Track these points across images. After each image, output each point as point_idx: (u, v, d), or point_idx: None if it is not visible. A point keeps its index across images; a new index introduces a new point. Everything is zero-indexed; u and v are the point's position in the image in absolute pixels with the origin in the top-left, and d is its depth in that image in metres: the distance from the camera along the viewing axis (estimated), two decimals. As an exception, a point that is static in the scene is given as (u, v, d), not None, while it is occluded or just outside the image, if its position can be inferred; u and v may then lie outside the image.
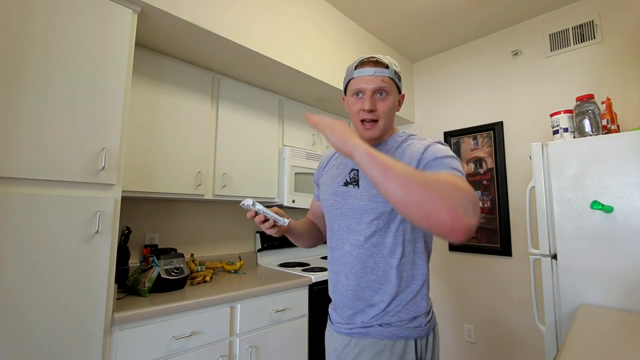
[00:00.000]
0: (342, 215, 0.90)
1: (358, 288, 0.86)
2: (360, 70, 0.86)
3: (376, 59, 0.86)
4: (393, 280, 0.84)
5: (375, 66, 0.85)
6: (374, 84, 0.84)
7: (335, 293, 0.92)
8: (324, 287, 1.91)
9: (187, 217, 2.04)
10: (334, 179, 0.95)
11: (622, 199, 1.41)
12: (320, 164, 1.08)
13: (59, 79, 1.11)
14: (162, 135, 1.65)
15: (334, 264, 0.93)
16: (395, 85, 0.88)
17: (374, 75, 0.84)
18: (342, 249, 0.90)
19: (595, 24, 2.06)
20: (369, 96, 0.84)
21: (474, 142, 2.56)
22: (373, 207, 0.84)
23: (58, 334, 1.05)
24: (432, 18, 2.35)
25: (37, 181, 1.05)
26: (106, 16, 1.24)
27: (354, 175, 0.90)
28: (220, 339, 1.44)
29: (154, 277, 1.44)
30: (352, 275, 0.87)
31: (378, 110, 0.85)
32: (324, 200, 0.97)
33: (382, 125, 0.86)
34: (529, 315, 2.18)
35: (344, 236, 0.89)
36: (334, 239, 0.93)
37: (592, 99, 1.62)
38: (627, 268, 1.37)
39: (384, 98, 0.85)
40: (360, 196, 0.86)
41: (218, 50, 1.70)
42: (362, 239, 0.85)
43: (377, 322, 0.84)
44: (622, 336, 1.05)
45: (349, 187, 0.90)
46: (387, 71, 0.85)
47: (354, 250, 0.87)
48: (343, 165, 0.96)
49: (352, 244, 0.87)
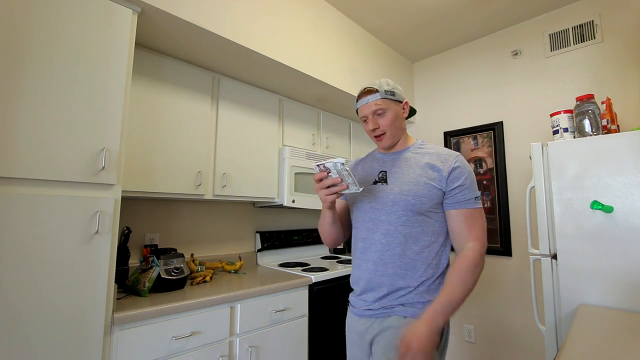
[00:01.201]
0: (372, 209, 1.03)
1: (385, 274, 0.98)
2: (359, 101, 1.06)
3: (367, 89, 1.04)
4: (419, 267, 0.97)
5: (368, 94, 1.03)
6: (371, 108, 1.03)
7: (362, 280, 1.03)
8: (324, 287, 1.91)
9: (187, 217, 2.04)
10: (364, 178, 1.11)
11: (622, 199, 1.41)
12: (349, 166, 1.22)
13: (59, 79, 1.11)
14: (162, 135, 1.65)
15: (362, 253, 1.05)
16: (391, 100, 1.03)
17: (368, 103, 1.03)
18: (372, 239, 1.02)
19: (595, 24, 2.06)
20: (370, 119, 1.04)
21: (474, 142, 2.56)
22: (402, 199, 0.98)
23: (58, 333, 1.04)
24: (432, 18, 2.35)
25: (37, 181, 1.05)
26: (106, 16, 1.24)
27: (383, 175, 1.06)
28: (220, 339, 1.44)
29: (154, 277, 1.44)
30: (381, 262, 0.99)
31: (381, 125, 1.03)
32: (354, 198, 1.11)
33: (389, 134, 1.04)
34: (529, 315, 2.18)
35: (374, 227, 1.02)
36: (363, 230, 1.06)
37: (592, 99, 1.62)
38: (627, 268, 1.37)
39: (382, 115, 1.03)
40: (390, 191, 1.01)
41: (218, 50, 1.70)
42: (392, 229, 0.98)
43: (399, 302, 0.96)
44: (622, 336, 1.05)
45: (378, 184, 1.06)
46: (378, 94, 1.02)
47: (383, 239, 0.99)
48: (371, 168, 1.12)
49: (382, 233, 1.00)
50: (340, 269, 2.06)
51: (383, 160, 1.11)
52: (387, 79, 1.06)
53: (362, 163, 1.19)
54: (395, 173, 1.04)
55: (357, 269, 1.07)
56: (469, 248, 0.94)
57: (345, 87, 2.26)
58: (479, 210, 0.98)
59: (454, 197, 0.97)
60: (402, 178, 1.01)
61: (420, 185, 0.97)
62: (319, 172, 0.93)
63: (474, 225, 0.96)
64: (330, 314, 1.92)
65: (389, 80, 1.06)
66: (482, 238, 0.96)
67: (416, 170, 1.01)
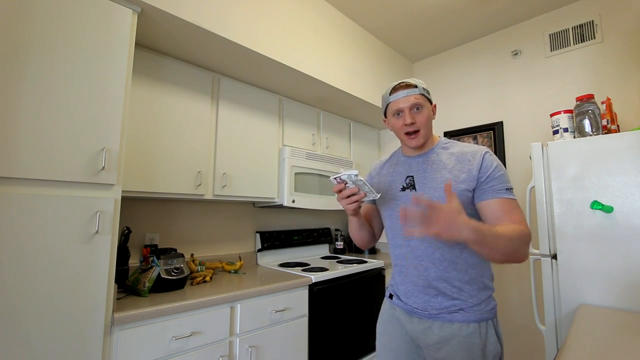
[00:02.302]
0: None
1: (429, 278, 0.97)
2: (395, 94, 1.02)
3: (406, 83, 1.02)
4: (462, 269, 0.96)
5: (407, 88, 1.01)
6: (410, 102, 0.99)
7: (408, 283, 1.03)
8: (324, 287, 1.91)
9: (187, 217, 2.04)
10: (390, 185, 1.10)
11: (622, 199, 1.41)
12: (372, 172, 1.24)
13: (59, 79, 1.11)
14: (162, 135, 1.65)
15: (402, 259, 1.05)
16: (427, 99, 1.02)
17: (407, 96, 1.00)
18: (408, 246, 1.02)
19: (595, 24, 2.06)
20: (407, 113, 1.00)
21: (474, 142, 2.56)
22: None
23: (58, 333, 1.04)
24: (432, 18, 2.35)
25: (37, 181, 1.05)
26: (106, 16, 1.24)
27: (410, 180, 1.05)
28: (220, 339, 1.44)
29: (154, 277, 1.44)
30: (422, 267, 0.99)
31: (417, 122, 1.00)
32: (383, 205, 1.11)
33: (423, 133, 1.01)
34: (529, 315, 2.18)
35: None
36: (398, 237, 1.06)
37: (592, 99, 1.62)
38: (627, 268, 1.37)
39: (420, 111, 1.00)
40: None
41: (218, 51, 1.70)
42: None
43: (459, 307, 0.94)
44: (622, 336, 1.05)
45: (406, 191, 1.04)
46: (417, 90, 1.00)
47: (421, 245, 0.99)
48: (397, 173, 1.10)
49: (419, 239, 0.99)
50: (340, 269, 2.06)
51: (408, 163, 1.08)
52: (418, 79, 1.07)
53: (386, 166, 1.18)
54: (422, 178, 1.02)
55: (399, 274, 1.07)
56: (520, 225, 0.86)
57: (345, 87, 2.26)
58: (514, 202, 0.92)
59: (483, 188, 0.93)
60: (430, 183, 0.99)
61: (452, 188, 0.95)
62: (337, 184, 0.96)
63: (513, 212, 0.89)
64: (331, 314, 1.92)
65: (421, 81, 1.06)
66: (526, 224, 0.88)
67: (444, 174, 0.98)
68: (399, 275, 1.07)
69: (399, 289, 1.07)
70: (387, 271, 2.42)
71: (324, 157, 2.42)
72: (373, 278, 2.25)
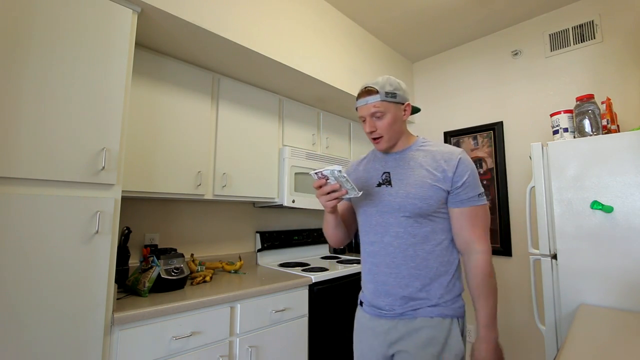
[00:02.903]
0: (379, 212, 1.02)
1: (400, 275, 0.98)
2: (359, 101, 1.02)
3: (367, 88, 1.00)
4: (432, 266, 0.97)
5: (367, 95, 1.00)
6: (368, 110, 1.00)
7: (377, 282, 1.02)
8: (324, 287, 1.90)
9: (187, 217, 2.04)
10: (366, 181, 1.09)
11: (622, 199, 1.41)
12: (349, 169, 1.21)
13: (59, 79, 1.11)
14: (162, 135, 1.65)
15: (373, 257, 1.04)
16: (391, 103, 1.00)
17: (367, 104, 1.00)
18: (381, 242, 1.02)
19: (595, 24, 2.06)
20: (368, 121, 1.01)
21: (474, 142, 2.56)
22: (410, 203, 0.97)
23: (58, 334, 1.04)
24: (432, 18, 2.35)
25: (37, 181, 1.05)
26: (106, 16, 1.24)
27: (386, 177, 1.05)
28: (220, 339, 1.44)
29: (154, 277, 1.44)
30: (394, 264, 0.99)
31: (378, 129, 1.01)
32: (358, 201, 1.09)
33: (386, 138, 1.02)
34: (529, 315, 2.18)
35: (383, 230, 1.01)
36: (372, 233, 1.05)
37: (592, 99, 1.62)
38: (627, 268, 1.37)
39: (380, 118, 1.00)
40: (395, 194, 1.00)
41: (218, 50, 1.70)
42: (401, 231, 0.98)
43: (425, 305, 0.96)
44: (622, 336, 1.05)
45: (382, 187, 1.04)
46: (378, 96, 0.98)
47: (394, 241, 0.99)
48: (373, 169, 1.10)
49: (392, 236, 0.99)
50: (341, 269, 2.06)
51: (385, 160, 1.09)
52: (390, 77, 1.03)
53: (363, 163, 1.17)
54: (399, 174, 1.02)
55: (368, 273, 1.06)
56: (478, 252, 0.96)
57: (345, 87, 2.26)
58: (483, 208, 0.98)
59: (458, 195, 0.97)
60: (406, 180, 1.00)
61: (426, 187, 0.97)
62: (318, 180, 0.94)
63: (477, 224, 0.97)
64: (331, 314, 1.92)
65: (392, 79, 1.02)
66: (485, 238, 0.97)
67: (421, 171, 0.99)
68: (368, 274, 1.06)
69: (367, 289, 1.06)
70: (387, 271, 2.41)
71: (324, 157, 2.42)
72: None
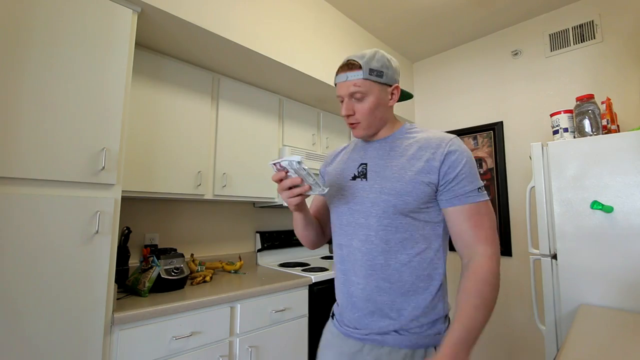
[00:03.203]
0: (350, 210, 0.86)
1: (368, 287, 0.81)
2: (337, 77, 0.85)
3: (350, 61, 0.83)
4: (407, 280, 0.79)
5: (348, 70, 0.83)
6: (347, 89, 0.83)
7: (344, 293, 0.86)
8: (324, 287, 1.90)
9: (187, 217, 2.04)
10: (341, 173, 0.92)
11: (622, 199, 1.41)
12: (327, 159, 1.05)
13: (59, 79, 1.11)
14: (162, 135, 1.65)
15: (341, 263, 0.88)
16: (376, 83, 0.83)
17: (346, 81, 0.83)
18: (350, 246, 0.85)
19: (595, 24, 2.06)
20: (345, 102, 0.84)
21: (474, 142, 2.56)
22: (383, 199, 0.80)
23: (58, 333, 1.05)
24: (432, 18, 2.35)
25: (37, 181, 1.05)
26: (106, 16, 1.24)
27: (363, 169, 0.88)
28: (220, 339, 1.44)
29: (154, 277, 1.44)
30: (362, 273, 0.82)
31: (356, 113, 0.84)
32: (330, 197, 0.93)
33: (365, 125, 0.85)
34: (529, 315, 2.18)
35: (352, 232, 0.85)
36: (341, 235, 0.88)
37: (592, 99, 1.62)
38: (627, 268, 1.37)
39: (360, 101, 0.83)
40: (370, 189, 0.83)
41: (218, 51, 1.70)
42: (372, 234, 0.81)
43: (394, 328, 0.78)
44: (622, 336, 1.05)
45: (357, 180, 0.87)
46: (360, 73, 0.81)
47: (363, 247, 0.82)
48: (351, 160, 0.93)
49: (361, 239, 0.83)
50: (340, 269, 2.06)
51: (365, 149, 0.91)
52: (379, 51, 0.85)
53: (343, 152, 1.01)
54: (376, 166, 0.86)
55: (338, 279, 0.90)
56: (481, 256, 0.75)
57: (345, 87, 2.26)
58: (485, 204, 0.78)
59: (452, 190, 0.78)
60: (383, 172, 0.83)
61: (404, 180, 0.79)
62: (277, 172, 0.78)
63: (481, 224, 0.77)
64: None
65: (380, 54, 0.84)
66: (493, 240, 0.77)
67: (400, 161, 0.83)
68: (336, 282, 0.91)
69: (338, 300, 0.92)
70: (387, 271, 2.42)
71: (324, 157, 2.42)
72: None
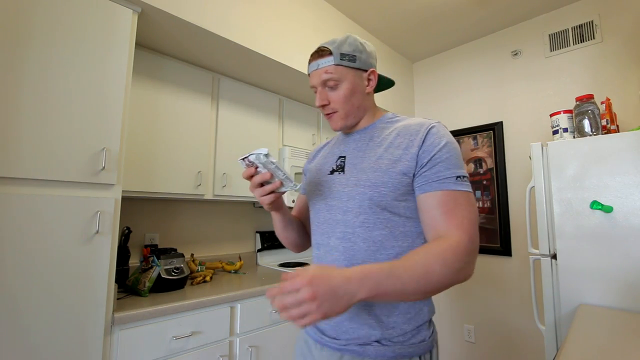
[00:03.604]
0: (328, 207, 0.80)
1: None
2: (309, 66, 0.82)
3: (320, 48, 0.79)
4: None
5: (319, 58, 0.78)
6: (319, 78, 0.78)
7: None
8: (324, 287, 1.90)
9: (187, 217, 2.04)
10: (320, 168, 0.87)
11: (621, 199, 1.41)
12: (310, 155, 1.01)
13: (59, 79, 1.11)
14: (162, 135, 1.65)
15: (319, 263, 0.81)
16: (349, 69, 0.78)
17: (318, 70, 0.79)
18: (327, 245, 0.79)
19: (594, 24, 2.06)
20: (319, 91, 0.80)
21: (474, 142, 2.56)
22: (359, 192, 0.74)
23: (58, 333, 1.05)
24: (432, 18, 2.35)
25: (37, 181, 1.05)
26: (106, 16, 1.24)
27: (341, 162, 0.83)
28: (220, 339, 1.44)
29: (154, 277, 1.44)
30: None
31: (331, 102, 0.80)
32: (309, 193, 0.88)
33: (342, 114, 0.80)
34: (528, 315, 2.18)
35: (329, 229, 0.79)
36: (319, 233, 0.82)
37: (592, 99, 1.62)
38: (627, 268, 1.37)
39: (334, 88, 0.78)
40: (346, 182, 0.78)
41: (218, 51, 1.70)
42: (349, 231, 0.75)
43: (375, 338, 0.71)
44: (622, 336, 1.05)
45: (334, 174, 0.82)
46: (331, 59, 0.77)
47: (340, 245, 0.76)
48: (331, 154, 0.88)
49: (338, 237, 0.77)
50: (340, 269, 2.06)
51: (345, 142, 0.86)
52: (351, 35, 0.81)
53: (326, 147, 0.95)
54: (354, 158, 0.80)
55: None
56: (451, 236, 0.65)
57: (345, 87, 2.26)
58: (465, 195, 0.68)
59: (424, 175, 0.70)
60: (360, 164, 0.78)
61: (380, 170, 0.73)
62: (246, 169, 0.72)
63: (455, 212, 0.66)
64: (330, 313, 1.92)
65: (352, 38, 0.80)
66: (469, 229, 0.65)
67: (378, 151, 0.77)
68: None
69: None
70: (387, 271, 2.42)
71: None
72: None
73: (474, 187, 2.50)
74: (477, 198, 2.48)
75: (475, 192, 2.49)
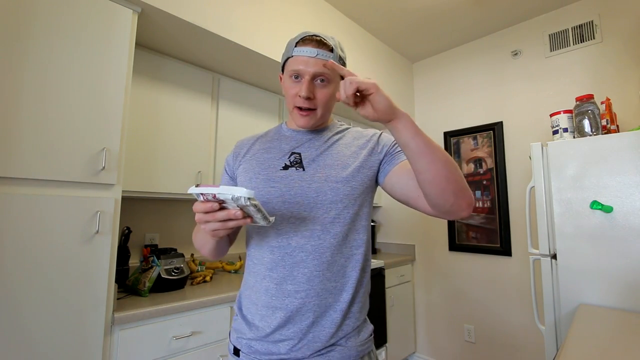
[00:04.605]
0: (286, 204, 0.74)
1: (312, 292, 0.70)
2: (301, 48, 0.73)
3: (320, 38, 0.74)
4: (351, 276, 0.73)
5: (318, 47, 0.73)
6: (315, 67, 0.72)
7: (275, 308, 0.71)
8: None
9: (187, 217, 2.04)
10: (264, 164, 0.80)
11: (621, 199, 1.41)
12: (235, 153, 0.88)
13: (59, 79, 1.11)
14: (162, 135, 1.65)
15: (274, 269, 0.73)
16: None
17: (316, 58, 0.73)
18: (288, 246, 0.73)
19: (594, 24, 2.06)
20: (307, 81, 0.73)
21: (474, 142, 2.56)
22: (330, 187, 0.73)
23: (58, 333, 1.05)
24: (432, 18, 2.35)
25: (37, 181, 1.05)
26: (106, 16, 1.24)
27: (296, 157, 0.79)
28: (220, 338, 1.44)
29: (154, 277, 1.44)
30: (305, 278, 0.71)
31: (317, 98, 0.75)
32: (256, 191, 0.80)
33: (320, 114, 0.77)
34: (528, 315, 2.18)
35: (291, 229, 0.73)
36: (272, 235, 0.75)
37: (592, 99, 1.62)
38: (627, 268, 1.38)
39: (324, 85, 0.75)
40: (311, 179, 0.75)
41: (218, 51, 1.70)
42: (318, 228, 0.72)
43: (334, 341, 0.70)
44: (622, 336, 1.05)
45: (290, 170, 0.77)
46: (332, 55, 0.74)
47: (307, 245, 0.72)
48: (276, 149, 0.82)
49: (305, 236, 0.72)
50: (340, 269, 2.06)
51: (296, 139, 0.82)
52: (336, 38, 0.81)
53: (261, 141, 0.87)
54: (314, 155, 0.78)
55: (267, 292, 0.73)
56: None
57: (345, 87, 2.26)
58: None
59: (390, 154, 0.78)
60: (324, 161, 0.77)
61: (350, 167, 0.76)
62: (204, 203, 0.57)
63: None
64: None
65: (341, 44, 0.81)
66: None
67: (342, 149, 0.79)
68: (263, 295, 0.73)
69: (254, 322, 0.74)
70: (387, 271, 2.42)
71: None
72: (373, 278, 2.26)
73: (474, 187, 2.50)
74: (477, 198, 2.48)
75: (475, 192, 2.49)
